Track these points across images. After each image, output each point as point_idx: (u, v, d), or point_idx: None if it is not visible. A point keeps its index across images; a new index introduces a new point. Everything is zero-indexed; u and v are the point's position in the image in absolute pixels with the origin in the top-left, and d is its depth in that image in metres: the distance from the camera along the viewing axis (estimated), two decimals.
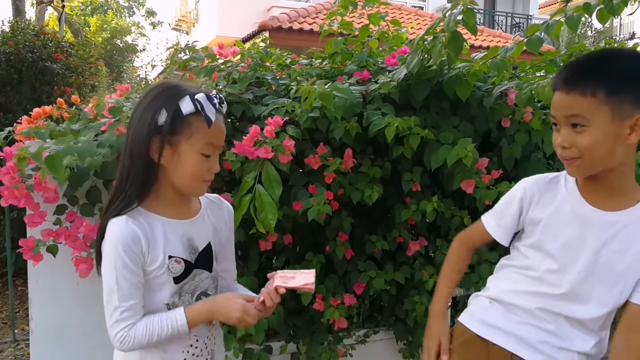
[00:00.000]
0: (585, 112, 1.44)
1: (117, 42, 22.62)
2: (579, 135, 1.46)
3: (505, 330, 1.72)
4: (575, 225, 1.60)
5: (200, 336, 1.72)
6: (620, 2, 2.58)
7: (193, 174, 1.58)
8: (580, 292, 1.60)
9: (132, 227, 1.54)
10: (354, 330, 3.22)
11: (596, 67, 1.47)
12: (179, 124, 1.55)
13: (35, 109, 2.83)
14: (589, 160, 1.48)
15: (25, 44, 6.57)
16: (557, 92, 1.51)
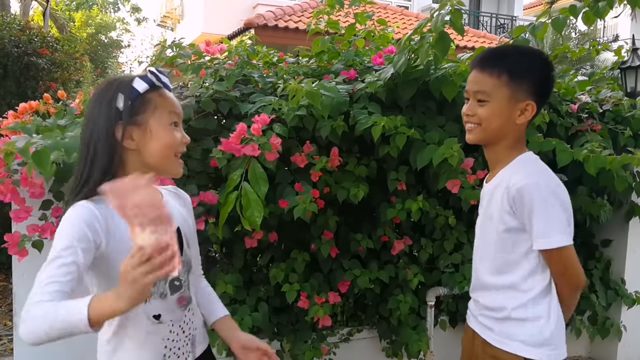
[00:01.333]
0: (489, 89, 1.77)
1: (102, 38, 22.48)
2: (481, 108, 1.78)
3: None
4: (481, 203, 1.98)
5: (175, 320, 1.69)
6: (605, 5, 2.62)
7: (169, 145, 1.58)
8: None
9: (91, 209, 1.47)
10: (338, 329, 3.23)
11: (506, 55, 1.83)
12: (139, 103, 1.55)
13: (22, 104, 2.81)
14: (485, 128, 1.80)
15: (11, 39, 6.52)
16: (473, 70, 1.82)
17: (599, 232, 3.97)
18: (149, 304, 1.62)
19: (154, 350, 1.65)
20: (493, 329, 1.85)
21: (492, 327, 1.85)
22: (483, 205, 1.94)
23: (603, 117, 3.50)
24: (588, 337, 3.91)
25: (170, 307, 1.67)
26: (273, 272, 2.94)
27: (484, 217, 1.93)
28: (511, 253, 1.81)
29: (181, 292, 1.70)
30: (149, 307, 1.63)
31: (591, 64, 16.55)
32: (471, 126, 1.83)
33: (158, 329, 1.65)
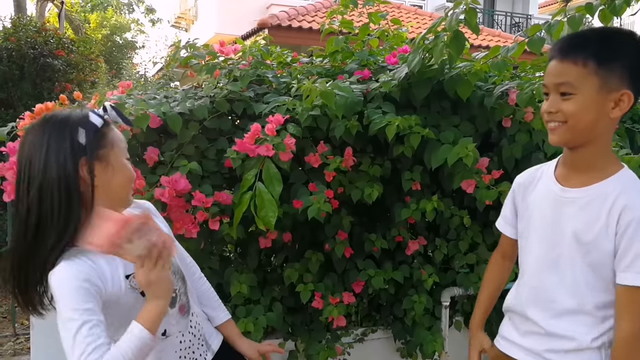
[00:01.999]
0: (574, 80, 1.53)
1: (117, 39, 22.60)
2: (566, 102, 1.55)
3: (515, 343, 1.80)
4: (546, 206, 1.71)
5: (184, 330, 1.72)
6: (622, 3, 2.59)
7: (130, 178, 1.61)
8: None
9: (81, 267, 1.44)
10: (352, 329, 3.23)
11: (589, 39, 1.58)
12: (97, 139, 1.52)
13: (38, 105, 2.83)
14: (572, 126, 1.56)
15: (27, 40, 6.58)
16: (552, 61, 1.60)
17: None
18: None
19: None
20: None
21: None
22: (557, 210, 1.68)
23: None
24: None
25: (174, 319, 1.69)
26: (287, 272, 2.94)
27: (557, 225, 1.67)
28: (598, 279, 1.61)
29: (179, 301, 1.72)
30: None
31: None
32: (554, 125, 1.59)
33: (168, 344, 1.68)
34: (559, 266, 1.66)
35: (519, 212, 1.85)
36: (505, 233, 1.93)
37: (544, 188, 1.75)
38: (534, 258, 1.75)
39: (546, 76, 1.61)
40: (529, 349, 1.73)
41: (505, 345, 1.82)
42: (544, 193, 1.73)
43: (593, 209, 1.59)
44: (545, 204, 1.72)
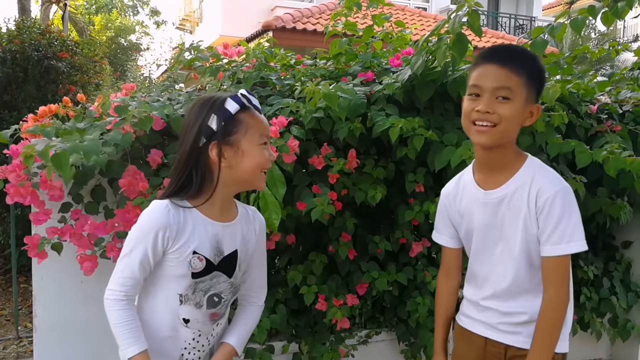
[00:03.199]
0: (514, 87, 1.68)
1: (121, 41, 22.60)
2: (503, 105, 1.68)
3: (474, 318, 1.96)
4: (477, 211, 1.86)
5: (204, 332, 1.78)
6: (625, 5, 2.59)
7: (258, 164, 1.68)
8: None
9: (167, 214, 1.65)
10: (356, 331, 3.23)
11: (525, 55, 1.78)
12: (232, 124, 1.65)
13: (41, 107, 2.84)
14: (502, 130, 1.70)
15: (31, 43, 6.57)
16: (487, 65, 1.72)
17: (619, 233, 3.93)
18: (182, 306, 1.72)
19: (173, 348, 1.75)
20: (521, 332, 1.83)
21: (519, 331, 1.83)
22: (488, 212, 1.84)
23: (623, 118, 3.46)
24: (609, 340, 3.87)
25: (202, 318, 1.76)
26: (291, 274, 2.94)
27: (492, 225, 1.84)
28: (534, 259, 1.78)
29: (218, 308, 1.78)
30: (182, 309, 1.73)
31: (611, 65, 16.38)
32: (485, 127, 1.70)
33: (184, 332, 1.75)
34: (503, 259, 1.83)
35: (454, 222, 1.98)
36: (445, 244, 2.03)
37: (470, 195, 1.89)
38: (479, 258, 1.91)
39: (481, 78, 1.72)
40: (486, 322, 1.90)
41: (466, 321, 1.98)
42: (472, 199, 1.88)
43: (516, 202, 1.76)
44: (476, 209, 1.87)
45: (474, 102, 1.72)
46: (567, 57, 3.35)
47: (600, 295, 3.64)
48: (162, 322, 1.73)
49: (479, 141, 1.75)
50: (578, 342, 3.73)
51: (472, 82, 1.75)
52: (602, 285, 3.67)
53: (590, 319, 3.61)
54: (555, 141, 2.90)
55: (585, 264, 3.60)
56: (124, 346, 1.63)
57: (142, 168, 2.52)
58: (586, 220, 3.56)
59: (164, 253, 1.66)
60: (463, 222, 1.93)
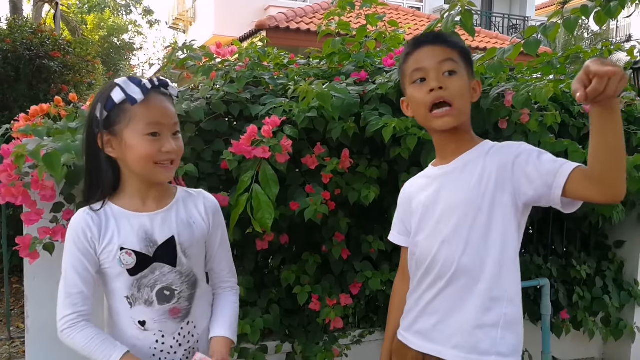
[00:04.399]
0: (455, 58, 1.66)
1: (114, 41, 22.57)
2: (452, 80, 1.63)
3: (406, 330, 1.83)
4: (429, 193, 1.76)
5: (167, 332, 1.70)
6: (617, 5, 2.60)
7: (143, 156, 1.59)
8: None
9: (84, 218, 1.63)
10: (350, 331, 3.23)
11: (449, 36, 1.77)
12: (115, 114, 1.59)
13: (33, 107, 2.83)
14: (459, 108, 1.63)
15: (23, 42, 6.56)
16: (422, 48, 1.69)
17: (612, 233, 3.94)
18: (133, 308, 1.66)
19: (142, 357, 1.66)
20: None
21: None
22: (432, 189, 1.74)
23: None
24: (601, 339, 3.89)
25: (159, 317, 1.68)
26: (284, 274, 2.94)
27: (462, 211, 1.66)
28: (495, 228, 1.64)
29: (174, 303, 1.70)
30: (134, 312, 1.67)
31: None
32: (443, 111, 1.62)
33: (144, 337, 1.68)
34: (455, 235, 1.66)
35: (406, 212, 1.87)
36: (398, 243, 1.93)
37: (423, 181, 1.82)
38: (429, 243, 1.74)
39: (421, 61, 1.67)
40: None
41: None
42: (425, 184, 1.80)
43: (469, 171, 1.67)
44: (428, 191, 1.76)
45: (421, 87, 1.66)
46: (560, 57, 3.35)
47: (593, 295, 3.66)
48: (124, 330, 1.68)
49: (442, 126, 1.65)
50: (571, 341, 3.75)
51: (413, 68, 1.69)
52: (594, 285, 3.68)
53: (583, 318, 3.62)
54: (548, 141, 2.90)
55: (578, 263, 3.62)
56: (105, 357, 1.57)
57: None
58: (579, 220, 3.59)
59: (98, 257, 1.63)
60: (410, 208, 1.83)
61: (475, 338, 1.64)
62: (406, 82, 1.74)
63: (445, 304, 1.70)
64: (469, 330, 1.65)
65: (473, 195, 1.63)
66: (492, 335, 1.64)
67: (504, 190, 1.60)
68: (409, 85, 1.71)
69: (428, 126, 1.72)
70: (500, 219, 1.62)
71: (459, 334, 1.66)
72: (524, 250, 3.65)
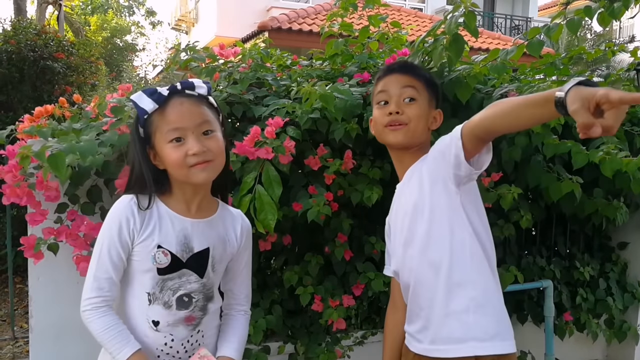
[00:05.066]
0: (418, 87, 1.85)
1: (117, 42, 22.63)
2: (410, 106, 1.83)
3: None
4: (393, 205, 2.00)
5: (177, 337, 1.70)
6: (621, 6, 2.60)
7: (174, 163, 1.61)
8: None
9: (130, 206, 1.64)
10: (352, 332, 3.23)
11: (419, 68, 1.99)
12: (146, 128, 1.65)
13: (37, 108, 2.83)
14: (413, 128, 1.83)
15: (27, 43, 6.57)
16: (390, 75, 1.89)
17: (615, 234, 3.94)
18: (151, 307, 1.67)
19: (149, 355, 1.66)
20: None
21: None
22: (402, 204, 1.91)
23: None
24: (605, 341, 3.88)
25: (173, 320, 1.69)
26: (287, 275, 2.94)
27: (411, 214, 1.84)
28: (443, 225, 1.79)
29: (190, 310, 1.71)
30: (151, 311, 1.67)
31: (607, 66, 16.45)
32: (398, 126, 1.83)
33: (155, 337, 1.68)
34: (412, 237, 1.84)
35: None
36: (387, 273, 2.11)
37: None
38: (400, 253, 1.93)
39: (387, 85, 1.87)
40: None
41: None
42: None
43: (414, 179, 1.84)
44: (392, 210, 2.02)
45: (383, 109, 1.86)
46: (563, 58, 3.35)
47: (597, 296, 3.65)
48: (134, 325, 1.68)
49: (395, 140, 1.85)
50: (574, 343, 3.74)
51: (378, 89, 1.89)
52: (598, 286, 3.68)
53: (587, 320, 3.61)
54: (552, 142, 2.90)
55: (582, 264, 3.61)
56: (116, 351, 1.59)
57: None
58: (582, 221, 3.58)
59: (132, 247, 1.64)
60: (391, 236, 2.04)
61: (447, 327, 1.74)
62: (373, 103, 1.94)
63: (420, 302, 1.83)
64: (440, 321, 1.75)
65: (417, 198, 1.81)
66: (463, 321, 1.72)
67: (436, 181, 1.76)
68: (375, 105, 1.91)
69: (384, 141, 1.90)
70: (444, 208, 1.76)
71: (432, 327, 1.77)
72: (527, 252, 3.64)
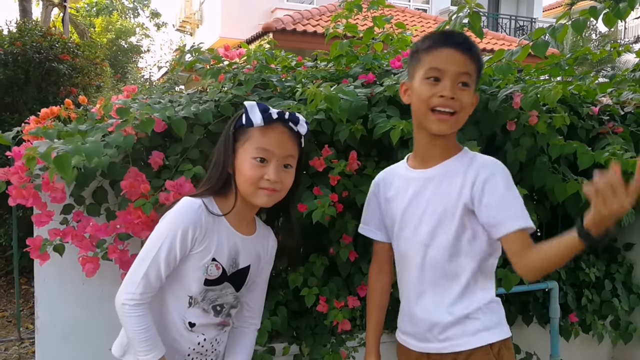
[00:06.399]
0: (472, 73, 1.71)
1: (122, 43, 22.65)
2: (463, 92, 1.69)
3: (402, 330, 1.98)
4: (408, 194, 1.84)
5: (208, 336, 1.77)
6: (626, 6, 2.59)
7: (247, 178, 1.65)
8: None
9: (199, 214, 1.65)
10: (357, 333, 3.22)
11: (475, 45, 1.76)
12: (239, 133, 1.68)
13: (43, 110, 2.83)
14: (461, 118, 1.72)
15: (32, 45, 6.59)
16: (447, 49, 1.70)
17: (621, 235, 3.93)
18: (190, 309, 1.72)
19: (177, 352, 1.73)
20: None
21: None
22: (411, 192, 1.83)
23: (625, 119, 3.46)
24: (610, 342, 3.87)
25: (209, 324, 1.76)
26: (292, 276, 2.94)
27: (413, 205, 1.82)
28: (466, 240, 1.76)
29: (221, 317, 1.79)
30: (189, 313, 1.73)
31: (612, 66, 16.40)
32: (447, 115, 1.70)
33: (189, 336, 1.74)
34: (434, 239, 1.77)
35: (381, 210, 1.95)
36: (372, 237, 2.02)
37: (399, 178, 1.90)
38: (403, 241, 1.86)
39: (444, 62, 1.68)
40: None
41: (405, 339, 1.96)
42: (400, 182, 1.88)
43: (448, 181, 1.75)
44: (402, 190, 1.85)
45: (434, 87, 1.69)
46: (568, 59, 3.34)
47: (602, 298, 3.64)
48: (169, 323, 1.72)
49: (438, 130, 1.72)
50: (579, 344, 3.73)
51: (431, 64, 1.71)
52: (603, 288, 3.66)
53: (592, 321, 3.60)
54: (557, 143, 2.90)
55: (587, 266, 3.60)
56: (143, 353, 1.62)
57: (144, 170, 2.52)
58: None
59: (189, 253, 1.66)
60: (389, 207, 1.91)
61: (460, 325, 1.77)
62: (418, 71, 1.74)
63: (429, 304, 1.82)
64: (453, 320, 1.78)
65: (451, 205, 1.73)
66: (475, 317, 1.77)
67: (471, 204, 1.71)
68: (422, 78, 1.72)
69: (423, 124, 1.76)
70: (468, 225, 1.73)
71: (443, 326, 1.80)
72: None
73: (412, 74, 1.79)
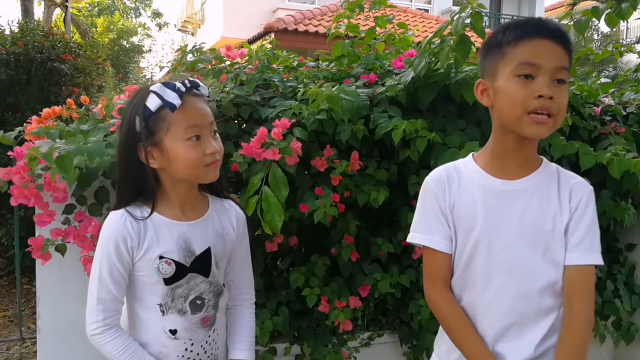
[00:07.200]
0: (568, 65, 1.44)
1: (124, 43, 22.64)
2: (560, 90, 1.42)
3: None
4: (487, 204, 1.56)
5: (196, 341, 1.71)
6: (629, 6, 2.59)
7: (189, 162, 1.56)
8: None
9: (124, 224, 1.58)
10: (359, 333, 3.22)
11: (568, 34, 1.48)
12: (153, 123, 1.55)
13: (45, 109, 2.84)
14: (558, 122, 1.45)
15: (34, 45, 6.60)
16: (542, 40, 1.43)
17: (623, 236, 3.92)
18: (165, 317, 1.66)
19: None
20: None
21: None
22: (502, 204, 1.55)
23: (627, 119, 3.46)
24: (612, 343, 3.86)
25: (191, 326, 1.69)
26: (293, 276, 2.94)
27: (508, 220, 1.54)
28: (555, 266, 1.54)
29: (204, 312, 1.71)
30: (166, 321, 1.66)
31: (614, 66, 16.36)
32: (543, 120, 1.42)
33: (173, 345, 1.68)
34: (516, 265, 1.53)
35: (447, 217, 1.64)
36: (445, 251, 1.63)
37: (473, 185, 1.60)
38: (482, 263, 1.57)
39: (539, 56, 1.42)
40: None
41: None
42: (479, 194, 1.58)
43: (540, 199, 1.53)
44: (486, 203, 1.56)
45: (529, 86, 1.42)
46: None
47: (604, 298, 3.63)
48: (151, 338, 1.67)
49: (536, 134, 1.46)
50: None
51: (523, 59, 1.43)
52: (605, 288, 3.66)
53: (594, 322, 3.59)
54: (559, 143, 2.90)
55: None
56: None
57: None
58: None
59: (133, 264, 1.61)
60: (455, 217, 1.60)
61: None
62: (503, 67, 1.48)
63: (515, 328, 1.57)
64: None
65: (547, 228, 1.52)
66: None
67: (567, 229, 1.53)
68: (510, 75, 1.45)
69: (514, 128, 1.48)
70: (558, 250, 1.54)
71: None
72: None
73: (492, 71, 1.52)
